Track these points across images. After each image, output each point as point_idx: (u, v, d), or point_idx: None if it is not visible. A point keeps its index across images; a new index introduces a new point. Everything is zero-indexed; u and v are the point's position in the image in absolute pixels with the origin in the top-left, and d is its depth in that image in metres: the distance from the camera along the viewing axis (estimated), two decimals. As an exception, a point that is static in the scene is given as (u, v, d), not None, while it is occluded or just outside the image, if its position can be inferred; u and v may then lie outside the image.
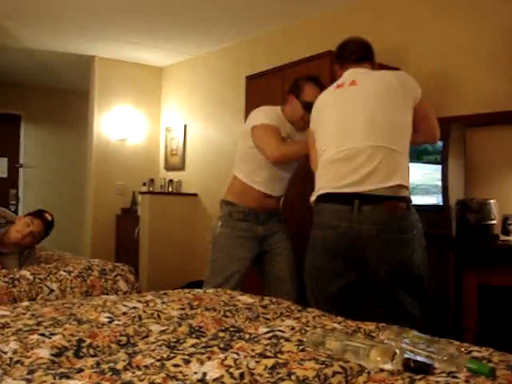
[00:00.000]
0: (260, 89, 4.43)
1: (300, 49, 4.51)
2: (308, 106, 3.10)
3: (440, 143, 3.18)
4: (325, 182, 2.64)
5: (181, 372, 1.38)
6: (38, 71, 7.44)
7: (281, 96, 4.01)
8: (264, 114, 3.32)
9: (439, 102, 3.80)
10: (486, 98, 3.54)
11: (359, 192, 2.49)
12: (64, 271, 3.36)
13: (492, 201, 3.09)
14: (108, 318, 1.95)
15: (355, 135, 2.56)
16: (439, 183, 3.20)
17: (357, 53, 2.80)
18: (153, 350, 1.58)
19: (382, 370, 1.44)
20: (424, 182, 3.32)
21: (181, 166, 6.68)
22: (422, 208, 3.26)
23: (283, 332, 1.79)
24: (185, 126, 6.64)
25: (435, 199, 3.23)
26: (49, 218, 3.68)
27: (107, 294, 3.23)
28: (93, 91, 6.75)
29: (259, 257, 3.43)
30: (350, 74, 2.74)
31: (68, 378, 1.30)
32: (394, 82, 2.62)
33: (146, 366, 1.42)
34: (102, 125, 6.72)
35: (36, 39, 6.00)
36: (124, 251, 6.52)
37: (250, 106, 4.52)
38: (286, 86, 4.04)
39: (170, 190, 6.58)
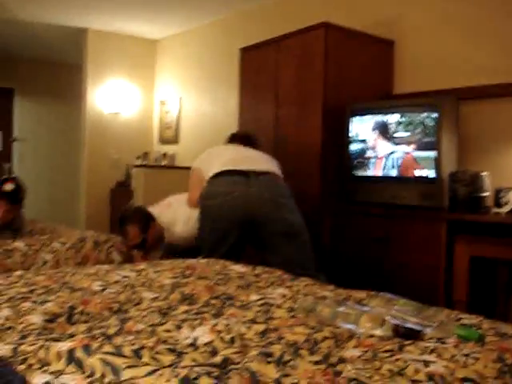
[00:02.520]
0: (254, 61, 4.39)
1: (293, 21, 4.45)
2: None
3: (435, 115, 3.19)
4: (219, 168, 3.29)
5: (172, 337, 1.39)
6: (31, 44, 7.37)
7: (275, 68, 3.99)
8: None
9: (432, 74, 3.79)
10: (479, 71, 3.53)
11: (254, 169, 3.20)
12: (58, 243, 3.35)
13: (484, 173, 3.09)
14: (101, 286, 1.96)
15: (250, 162, 3.28)
16: (433, 155, 3.20)
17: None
18: (144, 317, 1.58)
19: (371, 336, 1.45)
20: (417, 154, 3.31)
21: (175, 140, 6.66)
22: (415, 180, 3.28)
23: (274, 299, 1.80)
24: (180, 99, 6.61)
25: (428, 171, 3.22)
26: (8, 188, 3.48)
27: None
28: (86, 64, 6.69)
29: None
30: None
31: (59, 341, 1.31)
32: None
33: (137, 332, 1.43)
34: (96, 98, 6.68)
35: (28, 11, 5.93)
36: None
37: (244, 78, 4.49)
38: (281, 57, 4.03)
39: (164, 163, 6.56)
